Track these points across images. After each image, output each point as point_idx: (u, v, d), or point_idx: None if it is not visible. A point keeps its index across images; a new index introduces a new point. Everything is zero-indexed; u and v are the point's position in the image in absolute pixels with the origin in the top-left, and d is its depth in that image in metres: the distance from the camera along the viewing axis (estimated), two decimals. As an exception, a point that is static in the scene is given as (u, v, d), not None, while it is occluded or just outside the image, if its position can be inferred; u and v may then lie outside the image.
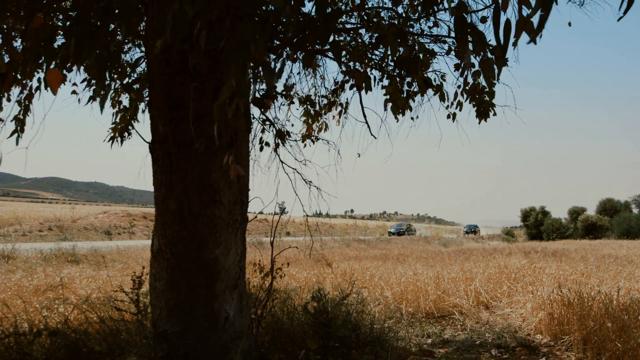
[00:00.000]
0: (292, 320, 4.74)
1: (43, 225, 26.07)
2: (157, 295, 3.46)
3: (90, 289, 7.29)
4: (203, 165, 3.30)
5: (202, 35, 2.23)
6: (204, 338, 3.39)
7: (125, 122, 5.00)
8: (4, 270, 9.17)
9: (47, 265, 10.37)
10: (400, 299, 7.72)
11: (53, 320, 4.57)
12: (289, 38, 3.17)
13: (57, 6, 3.10)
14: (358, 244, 25.13)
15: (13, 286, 7.37)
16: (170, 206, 3.31)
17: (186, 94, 3.18)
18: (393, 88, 3.97)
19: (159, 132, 3.34)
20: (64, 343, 3.48)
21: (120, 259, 12.54)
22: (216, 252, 3.37)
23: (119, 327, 4.01)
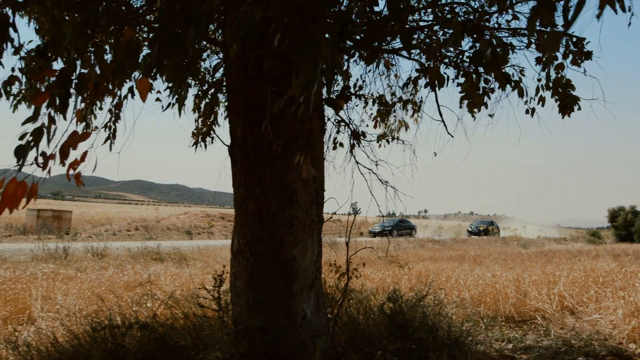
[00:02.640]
0: (368, 320, 4.73)
1: (130, 225, 27.72)
2: (238, 293, 3.59)
3: (174, 285, 7.66)
4: (280, 167, 3.38)
5: (276, 38, 2.28)
6: (283, 336, 3.47)
7: (207, 126, 5.21)
8: (98, 267, 9.85)
9: (135, 262, 11.02)
10: (478, 301, 7.49)
11: (142, 315, 4.85)
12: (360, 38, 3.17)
13: (142, 19, 3.29)
14: (432, 244, 24.66)
15: (106, 282, 7.90)
16: (249, 207, 3.42)
17: (263, 97, 3.27)
18: (469, 85, 3.86)
19: (237, 135, 3.45)
20: (153, 336, 3.68)
21: (200, 257, 13.08)
22: (294, 252, 3.44)
23: (202, 322, 4.19)
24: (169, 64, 2.12)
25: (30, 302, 6.09)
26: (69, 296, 6.61)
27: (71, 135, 1.84)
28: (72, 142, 1.87)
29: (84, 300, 6.47)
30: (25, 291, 6.69)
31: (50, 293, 6.71)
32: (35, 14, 3.89)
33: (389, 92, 5.28)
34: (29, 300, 6.14)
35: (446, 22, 3.26)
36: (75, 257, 11.39)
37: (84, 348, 3.65)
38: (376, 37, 2.33)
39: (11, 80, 3.23)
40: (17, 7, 3.07)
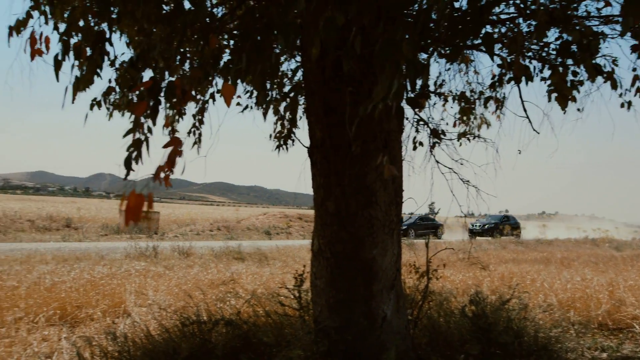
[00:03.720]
0: (449, 323, 4.62)
1: (213, 225, 28.86)
2: (318, 293, 3.64)
3: (255, 284, 7.89)
4: (359, 168, 3.39)
5: (357, 40, 2.30)
6: (363, 336, 3.47)
7: (286, 128, 5.34)
8: (184, 265, 10.35)
9: (218, 261, 11.46)
10: (566, 306, 7.08)
11: (227, 312, 5.04)
12: (440, 35, 3.11)
13: (224, 28, 3.43)
14: (515, 245, 23.63)
15: (192, 279, 8.28)
16: (328, 207, 3.46)
17: (341, 99, 3.29)
18: (557, 78, 3.67)
19: (316, 136, 3.50)
20: (237, 333, 3.82)
21: (279, 257, 13.37)
22: (373, 253, 3.43)
23: (283, 321, 4.29)
24: (255, 70, 2.19)
25: (125, 296, 6.50)
26: (158, 292, 6.99)
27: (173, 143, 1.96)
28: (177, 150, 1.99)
29: (172, 296, 6.82)
30: (120, 286, 7.16)
31: (142, 289, 7.13)
32: (126, 28, 4.16)
33: (469, 89, 5.14)
34: (123, 295, 6.56)
35: (531, 14, 3.12)
36: (164, 256, 12.02)
37: (174, 341, 3.85)
38: (459, 34, 2.28)
39: (109, 91, 3.48)
40: (112, 23, 3.30)
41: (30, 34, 3.17)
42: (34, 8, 3.55)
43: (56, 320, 5.51)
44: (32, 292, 6.40)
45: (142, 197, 1.86)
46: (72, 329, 5.33)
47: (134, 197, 1.81)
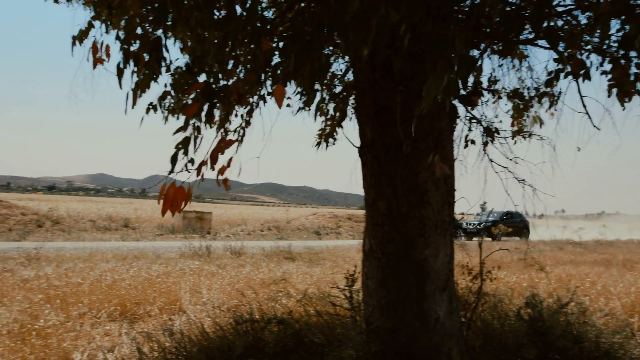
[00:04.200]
0: (504, 326, 4.50)
1: (263, 225, 29.28)
2: (369, 293, 3.63)
3: (306, 284, 7.95)
4: (411, 167, 3.36)
5: (407, 38, 2.28)
6: (415, 337, 3.44)
7: (333, 128, 5.35)
8: (236, 265, 10.56)
9: (269, 261, 11.63)
10: (631, 311, 6.75)
11: (278, 311, 5.11)
12: (493, 30, 3.04)
13: (275, 30, 3.47)
14: (573, 247, 22.69)
15: (244, 278, 8.44)
16: (380, 207, 3.45)
17: (392, 97, 3.27)
18: (618, 71, 3.51)
19: (366, 136, 3.50)
20: (289, 332, 3.87)
21: (329, 257, 13.41)
22: (425, 253, 3.39)
23: (334, 321, 4.31)
24: (304, 71, 2.21)
25: (180, 294, 6.70)
26: (212, 290, 7.17)
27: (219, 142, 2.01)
28: (220, 148, 2.04)
29: (225, 294, 6.98)
30: (175, 285, 7.39)
31: (196, 287, 7.33)
32: (180, 34, 4.28)
33: (522, 86, 4.98)
34: (179, 293, 6.76)
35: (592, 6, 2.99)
36: (216, 255, 12.31)
37: (228, 339, 3.94)
38: (514, 28, 2.22)
39: (164, 95, 3.61)
40: (167, 30, 3.41)
41: (92, 44, 3.32)
42: (95, 18, 3.73)
43: (117, 316, 5.75)
44: (95, 289, 6.71)
45: (182, 190, 1.91)
46: (132, 324, 5.54)
47: (173, 189, 1.86)
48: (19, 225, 20.89)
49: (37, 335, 4.63)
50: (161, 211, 1.94)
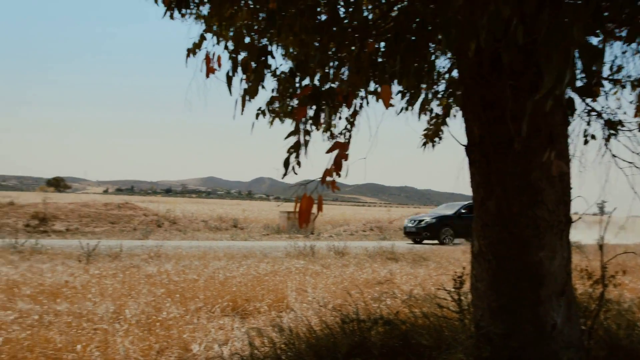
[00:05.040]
0: (631, 337, 4.12)
1: (365, 225, 29.34)
2: (479, 296, 3.50)
3: (410, 285, 7.85)
4: (522, 165, 3.19)
5: (519, 30, 2.17)
6: (530, 344, 3.26)
7: (438, 127, 5.24)
8: (339, 265, 10.70)
9: (372, 261, 11.63)
10: None
11: (383, 311, 5.10)
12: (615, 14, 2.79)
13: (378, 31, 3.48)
14: None
15: (348, 278, 8.53)
16: (489, 207, 3.31)
17: (500, 93, 3.14)
18: None
19: (474, 134, 3.38)
20: (395, 333, 3.84)
21: (433, 258, 13.11)
22: (540, 255, 3.20)
23: (441, 323, 4.20)
24: (409, 70, 2.19)
25: (287, 292, 6.92)
26: (317, 289, 7.32)
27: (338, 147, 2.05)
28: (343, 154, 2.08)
29: (330, 293, 7.09)
30: (282, 283, 7.64)
31: (302, 286, 7.53)
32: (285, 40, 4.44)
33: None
34: (286, 291, 6.99)
35: None
36: (320, 255, 12.55)
37: (335, 337, 4.00)
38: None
39: (272, 100, 3.76)
40: (272, 37, 3.54)
41: (205, 55, 3.55)
42: (206, 31, 3.98)
43: (229, 311, 6.06)
44: (209, 285, 7.13)
45: (312, 200, 1.97)
46: (243, 320, 5.81)
47: (305, 200, 1.92)
48: (142, 225, 22.80)
49: (160, 326, 5.02)
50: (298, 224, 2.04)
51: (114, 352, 4.20)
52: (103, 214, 24.22)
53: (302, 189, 2.11)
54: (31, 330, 4.60)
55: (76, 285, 6.89)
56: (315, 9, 3.22)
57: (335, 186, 2.18)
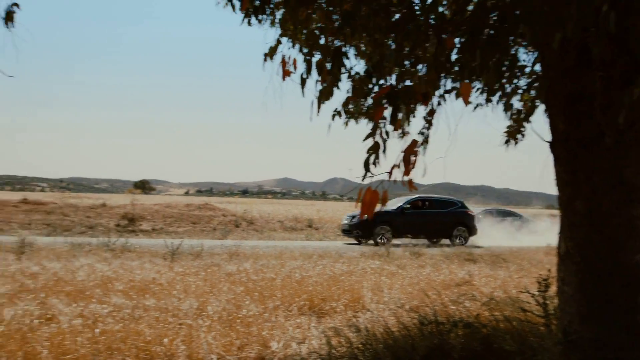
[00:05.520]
0: None
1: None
2: (567, 300, 3.32)
3: (490, 287, 7.59)
4: (613, 161, 2.99)
5: (611, 17, 2.04)
6: (626, 353, 3.05)
7: (520, 124, 5.02)
8: (415, 265, 10.55)
9: (449, 262, 11.36)
10: None
11: (462, 314, 4.96)
12: None
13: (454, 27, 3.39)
14: None
15: (424, 279, 8.39)
16: (577, 207, 3.14)
17: (588, 86, 2.96)
18: None
19: (559, 129, 3.21)
20: (477, 336, 3.73)
21: (513, 259, 12.60)
22: (636, 258, 2.99)
23: (525, 328, 4.03)
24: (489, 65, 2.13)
25: (363, 292, 6.92)
26: (393, 290, 7.26)
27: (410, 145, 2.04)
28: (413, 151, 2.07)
29: (406, 294, 7.01)
30: (357, 283, 7.64)
31: (378, 286, 7.49)
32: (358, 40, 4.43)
33: None
34: (361, 291, 6.99)
35: None
36: (396, 255, 12.42)
37: (412, 339, 3.95)
38: None
39: (347, 101, 3.77)
40: (347, 38, 3.55)
41: (282, 58, 3.62)
42: (282, 35, 4.06)
43: (306, 310, 6.15)
44: (286, 284, 7.27)
45: (377, 194, 1.97)
46: (319, 319, 5.87)
47: (369, 193, 1.92)
48: (221, 225, 23.67)
49: (240, 322, 5.19)
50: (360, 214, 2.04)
51: (197, 347, 4.39)
52: (185, 214, 25.42)
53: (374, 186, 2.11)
54: (123, 323, 4.90)
55: (162, 282, 7.26)
56: (389, 7, 3.20)
57: (413, 185, 2.16)
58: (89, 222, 22.14)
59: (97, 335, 4.42)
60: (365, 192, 1.97)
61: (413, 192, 2.31)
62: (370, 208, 1.96)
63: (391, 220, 18.42)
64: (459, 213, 19.58)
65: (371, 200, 1.96)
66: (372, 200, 1.96)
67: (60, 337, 4.31)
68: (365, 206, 1.97)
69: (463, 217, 19.51)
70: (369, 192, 1.96)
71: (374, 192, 1.96)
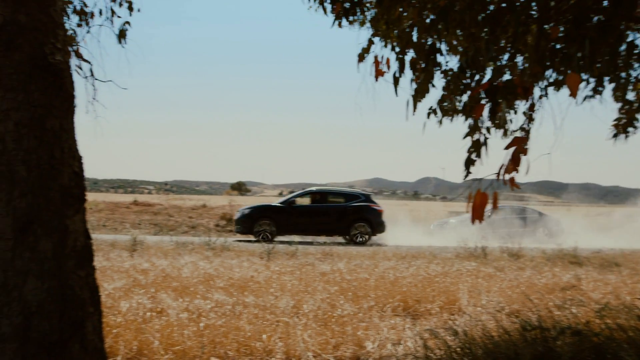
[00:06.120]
0: None
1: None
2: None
3: (599, 292, 7.06)
4: None
5: None
6: None
7: (632, 115, 4.63)
8: (515, 267, 10.04)
9: (552, 265, 10.70)
10: None
11: (570, 320, 4.66)
12: None
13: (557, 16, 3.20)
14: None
15: (524, 282, 7.98)
16: None
17: None
18: None
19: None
20: (586, 345, 3.49)
21: (625, 262, 11.61)
22: None
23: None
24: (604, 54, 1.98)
25: (458, 295, 6.72)
26: (491, 293, 6.98)
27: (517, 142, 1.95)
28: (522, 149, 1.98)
29: (505, 298, 6.71)
30: (453, 285, 7.44)
31: (474, 288, 7.24)
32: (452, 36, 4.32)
33: None
34: (457, 293, 6.79)
35: None
36: (493, 257, 11.91)
37: (515, 345, 3.77)
38: None
39: (443, 98, 3.69)
40: (440, 34, 3.48)
41: (374, 58, 3.62)
42: (374, 35, 4.06)
43: (400, 311, 6.09)
44: (380, 285, 7.25)
45: (487, 196, 1.89)
46: (414, 320, 5.79)
47: (479, 196, 1.85)
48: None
49: (335, 322, 5.25)
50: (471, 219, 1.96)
51: (294, 344, 4.50)
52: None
53: (475, 186, 2.04)
54: (225, 319, 5.14)
55: (260, 280, 7.53)
56: (485, 0, 3.08)
57: (515, 184, 2.06)
58: (191, 222, 23.50)
59: (201, 329, 4.67)
60: (475, 195, 1.89)
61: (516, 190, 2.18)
62: (480, 212, 1.88)
63: (274, 215, 17.05)
64: (360, 208, 17.50)
65: (481, 203, 1.88)
66: (482, 203, 1.88)
67: (169, 329, 4.61)
68: (475, 210, 1.89)
69: (364, 213, 17.45)
70: (478, 195, 1.88)
71: (483, 195, 1.88)
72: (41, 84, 1.43)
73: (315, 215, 17.27)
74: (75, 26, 5.27)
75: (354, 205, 17.47)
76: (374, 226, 17.30)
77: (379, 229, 17.44)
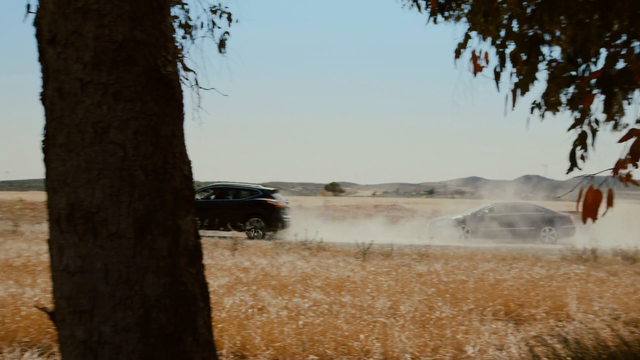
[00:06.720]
0: None
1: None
2: None
3: None
4: None
5: None
6: None
7: None
8: (631, 272, 9.23)
9: (676, 270, 9.71)
10: None
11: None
12: None
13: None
14: None
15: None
16: None
17: None
18: None
19: None
20: None
21: None
22: None
23: None
24: None
25: (566, 300, 6.30)
26: (603, 299, 6.48)
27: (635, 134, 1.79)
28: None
29: (621, 305, 6.20)
30: (559, 289, 6.99)
31: (584, 294, 6.75)
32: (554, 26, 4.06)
33: None
34: (565, 298, 6.37)
35: None
36: (604, 260, 11.04)
37: (636, 357, 3.47)
38: None
39: (548, 92, 3.49)
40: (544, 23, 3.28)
41: (472, 53, 3.50)
42: (471, 29, 3.92)
43: (501, 316, 5.83)
44: (479, 287, 6.99)
45: (600, 194, 1.75)
46: (517, 325, 5.53)
47: (591, 194, 1.71)
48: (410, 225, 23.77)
49: (433, 324, 5.14)
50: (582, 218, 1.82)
51: (392, 345, 4.47)
52: (374, 215, 26.15)
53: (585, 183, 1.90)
54: (323, 318, 5.22)
55: (356, 280, 7.56)
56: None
57: (632, 180, 1.88)
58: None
59: (300, 327, 4.79)
60: (587, 192, 1.75)
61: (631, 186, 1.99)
62: (593, 211, 1.74)
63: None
64: (255, 203, 17.66)
65: (594, 201, 1.74)
66: (595, 201, 1.74)
67: (270, 326, 4.78)
68: (587, 209, 1.75)
69: (259, 208, 17.59)
70: (590, 192, 1.74)
71: (596, 192, 1.73)
72: (155, 94, 1.55)
73: (216, 209, 17.33)
74: (181, 38, 5.62)
75: (248, 201, 17.88)
76: (270, 221, 17.47)
77: (275, 224, 17.50)
